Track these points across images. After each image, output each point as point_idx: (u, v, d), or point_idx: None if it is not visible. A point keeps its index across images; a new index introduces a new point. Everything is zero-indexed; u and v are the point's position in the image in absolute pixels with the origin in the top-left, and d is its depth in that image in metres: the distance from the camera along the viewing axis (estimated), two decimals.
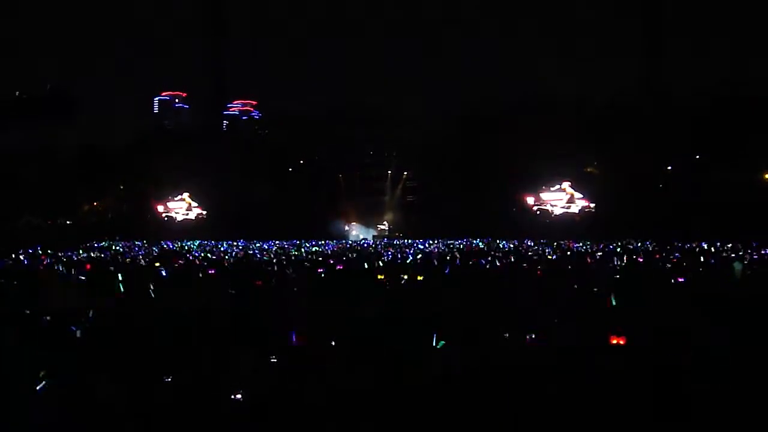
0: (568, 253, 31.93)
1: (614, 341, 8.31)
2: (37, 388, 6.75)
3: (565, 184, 57.88)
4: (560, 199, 58.13)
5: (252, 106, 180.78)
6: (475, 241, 48.21)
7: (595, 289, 14.06)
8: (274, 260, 27.30)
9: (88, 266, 18.84)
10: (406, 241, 53.48)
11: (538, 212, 58.80)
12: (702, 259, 24.35)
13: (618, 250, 33.10)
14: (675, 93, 61.81)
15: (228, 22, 75.09)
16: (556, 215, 58.17)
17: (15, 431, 6.15)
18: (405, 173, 69.25)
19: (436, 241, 49.19)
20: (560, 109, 60.76)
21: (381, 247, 40.60)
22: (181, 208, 67.08)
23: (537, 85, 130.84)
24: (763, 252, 28.69)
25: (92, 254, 35.07)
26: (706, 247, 33.39)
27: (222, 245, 47.38)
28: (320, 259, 27.57)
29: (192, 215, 66.77)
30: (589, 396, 6.59)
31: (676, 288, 15.24)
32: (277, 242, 51.11)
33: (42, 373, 6.95)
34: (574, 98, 64.84)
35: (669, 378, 6.90)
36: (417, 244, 46.40)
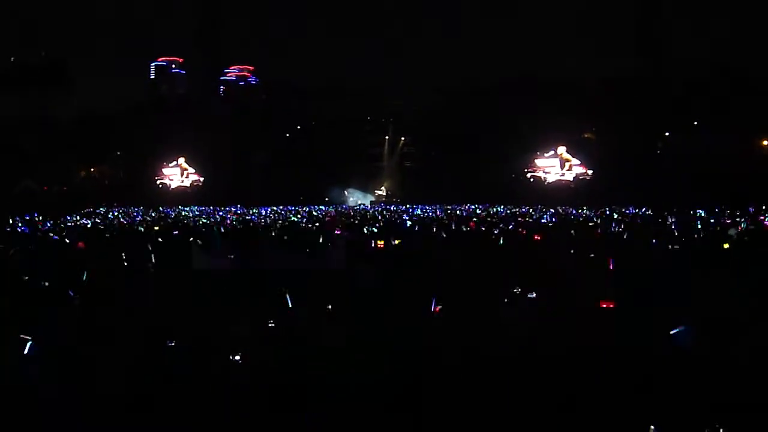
0: (566, 219, 31.97)
1: (604, 305, 8.36)
2: (25, 350, 6.84)
3: (561, 149, 57.51)
4: (554, 166, 57.79)
5: (249, 71, 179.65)
6: (472, 207, 48.28)
7: (592, 255, 14.11)
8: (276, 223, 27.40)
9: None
10: (403, 206, 53.44)
11: (531, 179, 58.57)
12: (699, 225, 24.39)
13: (615, 215, 33.17)
14: (673, 62, 61.71)
15: None
16: (549, 182, 57.91)
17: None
18: (402, 139, 68.83)
19: (433, 207, 49.20)
20: (559, 79, 60.60)
21: (378, 213, 40.63)
22: (176, 174, 66.82)
23: (537, 57, 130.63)
24: (761, 218, 28.74)
25: (89, 221, 35.10)
26: (703, 214, 33.44)
27: (219, 211, 47.39)
28: (317, 224, 27.60)
29: (187, 182, 66.55)
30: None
31: (673, 253, 15.30)
32: (274, 208, 51.10)
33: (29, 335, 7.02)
34: (573, 69, 64.75)
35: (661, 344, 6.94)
36: (415, 209, 46.42)
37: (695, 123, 55.64)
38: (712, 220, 26.51)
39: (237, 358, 6.68)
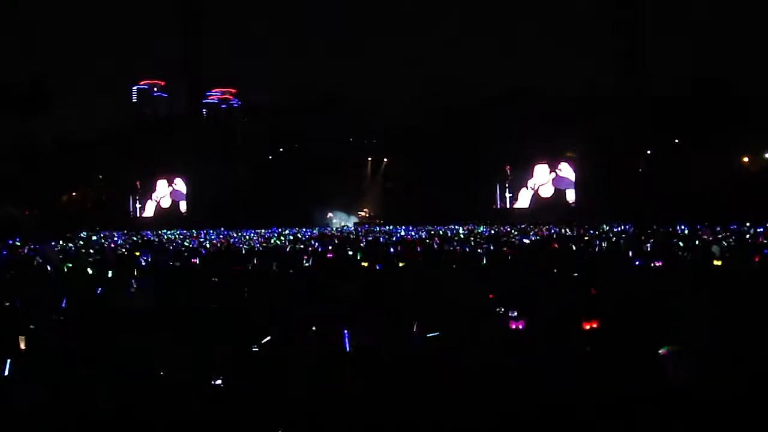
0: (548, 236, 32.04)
1: (587, 326, 8.24)
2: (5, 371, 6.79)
3: (544, 167, 58.01)
4: (543, 184, 58.16)
5: (231, 94, 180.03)
6: (455, 227, 48.28)
7: (576, 274, 14.11)
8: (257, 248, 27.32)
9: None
10: (386, 227, 53.38)
11: (515, 200, 58.98)
12: (681, 243, 24.46)
13: (597, 234, 33.26)
14: (655, 79, 62.07)
15: (203, 14, 73.80)
16: (534, 202, 58.24)
17: None
18: (385, 159, 68.67)
19: (415, 229, 49.14)
20: (540, 96, 60.75)
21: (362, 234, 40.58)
22: (158, 197, 66.84)
23: (516, 73, 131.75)
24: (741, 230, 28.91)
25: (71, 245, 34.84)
26: (686, 231, 33.57)
27: (202, 234, 47.18)
28: (301, 246, 27.52)
29: (167, 203, 66.52)
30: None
31: (654, 271, 15.35)
32: (257, 231, 50.94)
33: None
34: (553, 85, 65.10)
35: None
36: (398, 230, 46.37)
37: (676, 140, 56.03)
38: (697, 241, 26.48)
39: (219, 382, 6.62)
